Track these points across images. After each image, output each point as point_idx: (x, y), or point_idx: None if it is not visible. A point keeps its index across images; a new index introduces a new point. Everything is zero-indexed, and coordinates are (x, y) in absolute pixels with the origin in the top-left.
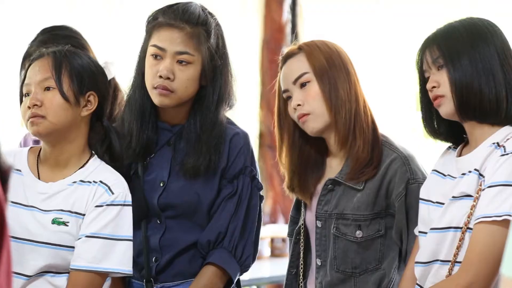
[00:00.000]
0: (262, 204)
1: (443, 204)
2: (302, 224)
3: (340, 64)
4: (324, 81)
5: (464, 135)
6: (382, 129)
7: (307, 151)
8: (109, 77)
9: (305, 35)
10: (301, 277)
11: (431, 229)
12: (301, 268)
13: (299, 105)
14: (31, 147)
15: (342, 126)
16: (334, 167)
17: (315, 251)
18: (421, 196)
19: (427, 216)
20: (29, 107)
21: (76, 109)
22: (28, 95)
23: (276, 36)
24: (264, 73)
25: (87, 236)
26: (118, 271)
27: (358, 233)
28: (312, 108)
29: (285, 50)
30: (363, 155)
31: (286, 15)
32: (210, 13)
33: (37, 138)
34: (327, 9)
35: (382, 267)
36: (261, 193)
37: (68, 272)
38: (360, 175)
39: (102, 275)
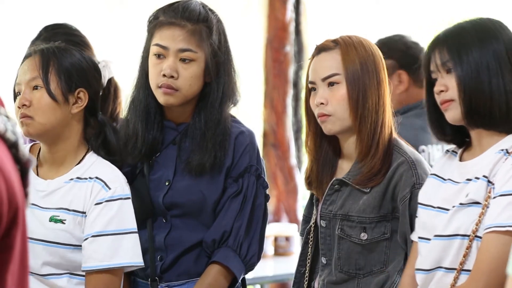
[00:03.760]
0: (267, 203)
1: (445, 209)
2: (313, 224)
3: (373, 70)
4: (354, 87)
5: (467, 139)
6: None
7: (326, 146)
8: (109, 76)
9: (309, 34)
10: (306, 276)
11: (436, 236)
12: (308, 268)
13: (322, 103)
14: (32, 145)
15: (366, 136)
16: (344, 169)
17: (321, 250)
18: (420, 201)
19: (428, 221)
20: (19, 107)
21: (65, 108)
22: (20, 94)
23: (279, 34)
24: (267, 71)
25: (93, 236)
26: (131, 264)
27: (363, 235)
28: (334, 110)
29: (318, 42)
30: (378, 166)
31: (290, 13)
32: (210, 10)
33: None
34: (331, 8)
35: (387, 270)
36: (267, 192)
37: (69, 273)
38: (369, 182)
39: (118, 271)
